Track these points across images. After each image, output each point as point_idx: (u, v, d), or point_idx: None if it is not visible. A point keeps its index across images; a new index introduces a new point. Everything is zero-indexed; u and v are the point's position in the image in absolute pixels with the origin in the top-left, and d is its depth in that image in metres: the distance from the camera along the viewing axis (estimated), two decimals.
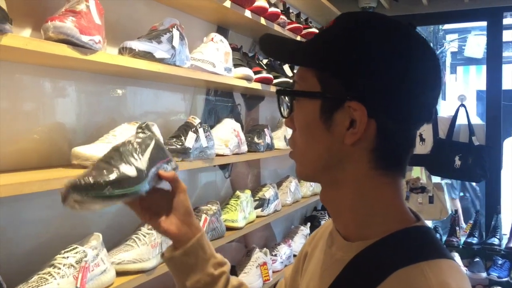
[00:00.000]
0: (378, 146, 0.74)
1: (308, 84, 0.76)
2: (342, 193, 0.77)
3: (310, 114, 0.76)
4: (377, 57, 0.72)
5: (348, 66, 0.73)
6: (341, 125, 0.74)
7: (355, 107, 0.72)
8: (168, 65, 1.71)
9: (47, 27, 1.26)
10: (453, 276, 0.69)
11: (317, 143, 0.76)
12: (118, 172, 0.85)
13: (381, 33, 0.74)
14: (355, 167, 0.75)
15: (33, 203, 1.49)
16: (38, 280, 1.27)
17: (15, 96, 1.44)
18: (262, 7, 2.37)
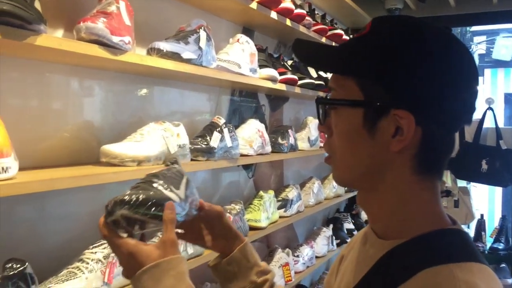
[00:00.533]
0: (421, 151, 0.74)
1: (349, 92, 0.76)
2: (382, 198, 0.78)
3: (352, 122, 0.76)
4: (422, 64, 0.72)
5: (393, 73, 0.72)
6: (386, 133, 0.74)
7: (402, 115, 0.72)
8: (195, 66, 1.73)
9: (80, 28, 1.29)
10: (483, 279, 0.69)
11: (359, 150, 0.76)
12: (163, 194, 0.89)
13: (423, 39, 0.73)
14: (397, 173, 0.76)
15: (62, 200, 1.53)
16: (67, 274, 1.31)
17: (46, 94, 1.48)
18: (288, 8, 2.38)
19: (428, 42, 0.73)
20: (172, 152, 1.65)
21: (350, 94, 0.76)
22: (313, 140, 2.92)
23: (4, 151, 1.10)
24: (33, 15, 1.11)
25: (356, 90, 0.75)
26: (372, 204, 0.81)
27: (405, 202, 0.77)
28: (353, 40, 0.80)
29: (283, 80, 2.44)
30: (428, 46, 0.73)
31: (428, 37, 0.73)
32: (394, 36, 0.74)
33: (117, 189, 1.72)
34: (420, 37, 0.73)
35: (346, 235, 3.60)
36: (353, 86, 0.75)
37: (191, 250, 1.74)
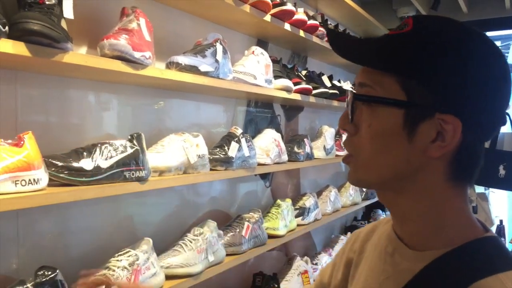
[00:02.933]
0: (457, 158, 0.71)
1: (389, 90, 0.71)
2: (410, 201, 0.74)
3: (390, 122, 0.71)
4: (472, 69, 0.68)
5: (442, 76, 0.68)
6: (426, 137, 0.70)
7: (448, 120, 0.69)
8: (212, 78, 1.79)
9: (103, 45, 1.35)
10: None
11: (393, 152, 0.72)
12: None
13: (473, 44, 0.70)
14: (429, 178, 0.73)
15: (86, 210, 1.58)
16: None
17: (68, 109, 1.54)
18: (302, 20, 2.43)
19: (477, 46, 0.70)
20: (192, 162, 1.70)
21: (390, 92, 0.71)
22: (329, 148, 2.95)
23: (36, 163, 1.16)
24: (60, 34, 1.17)
25: (397, 89, 0.71)
26: (400, 204, 0.76)
27: (438, 208, 0.73)
28: (394, 36, 0.74)
29: (297, 90, 2.48)
30: (478, 51, 0.70)
31: (477, 43, 0.71)
32: (443, 38, 0.70)
33: (139, 199, 1.78)
34: (470, 43, 0.70)
35: None
36: (394, 85, 0.71)
37: (212, 257, 1.78)
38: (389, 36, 0.74)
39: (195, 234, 1.76)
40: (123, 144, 1.44)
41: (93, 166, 1.32)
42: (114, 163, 1.38)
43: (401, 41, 0.72)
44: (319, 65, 3.36)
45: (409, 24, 0.72)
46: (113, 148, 1.40)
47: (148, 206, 1.86)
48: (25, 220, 1.38)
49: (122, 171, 1.40)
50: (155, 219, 1.88)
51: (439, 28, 0.71)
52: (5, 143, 1.14)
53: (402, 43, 0.72)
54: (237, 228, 2.04)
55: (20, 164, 1.13)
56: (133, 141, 1.47)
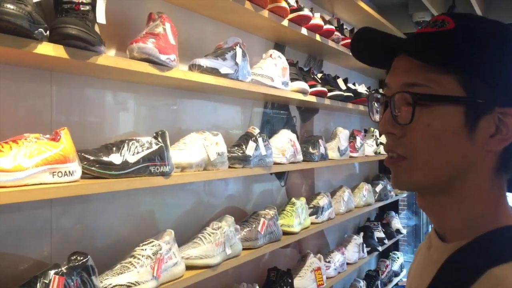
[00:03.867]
0: (505, 152, 0.73)
1: (447, 88, 0.71)
2: (455, 200, 0.75)
3: (451, 120, 0.71)
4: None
5: (499, 71, 0.71)
6: (486, 132, 0.71)
7: (509, 113, 0.70)
8: (232, 80, 1.88)
9: (132, 48, 1.46)
10: None
11: (452, 150, 0.72)
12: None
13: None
14: (481, 173, 0.74)
15: (114, 204, 1.69)
16: (121, 268, 1.46)
17: (97, 107, 1.65)
18: (318, 24, 2.51)
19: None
20: (212, 159, 1.80)
21: (449, 90, 0.71)
22: (343, 150, 3.03)
23: (71, 157, 1.26)
24: (95, 38, 1.27)
25: (456, 86, 0.70)
26: (442, 207, 0.77)
27: (477, 202, 0.74)
28: (439, 33, 0.73)
29: (313, 92, 2.56)
30: None
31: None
32: (491, 33, 0.72)
33: (160, 195, 1.88)
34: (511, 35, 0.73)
35: (377, 243, 3.67)
36: (452, 82, 0.70)
37: (229, 251, 1.87)
38: (432, 33, 0.74)
39: (213, 228, 1.85)
40: (149, 141, 1.54)
41: (122, 161, 1.42)
42: (141, 158, 1.48)
43: (452, 38, 0.72)
44: (335, 68, 3.44)
45: (449, 22, 0.72)
46: (140, 144, 1.50)
47: (169, 203, 1.96)
48: (58, 210, 1.49)
49: (147, 166, 1.50)
50: (175, 215, 1.98)
51: (481, 25, 0.73)
52: (44, 138, 1.24)
53: (456, 40, 0.72)
54: (253, 223, 2.13)
55: (57, 157, 1.23)
56: (158, 138, 1.57)
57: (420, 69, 0.72)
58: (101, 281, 1.39)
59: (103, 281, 1.39)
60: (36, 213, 1.44)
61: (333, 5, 3.16)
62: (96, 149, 1.42)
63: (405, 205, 6.67)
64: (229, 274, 2.21)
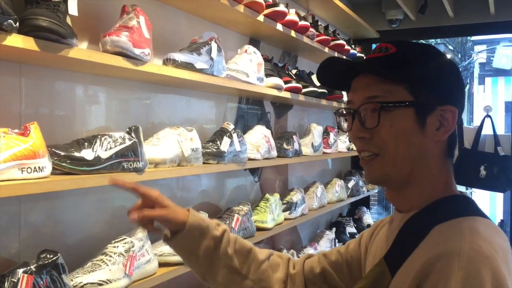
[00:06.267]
0: (451, 139, 0.96)
1: (399, 96, 0.93)
2: (415, 186, 0.95)
3: (406, 120, 0.92)
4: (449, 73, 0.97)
5: (437, 80, 0.94)
6: (433, 126, 0.93)
7: (448, 109, 0.93)
8: (207, 75, 1.86)
9: (105, 41, 1.42)
10: (485, 226, 0.86)
11: (412, 144, 0.93)
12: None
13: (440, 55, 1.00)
14: (435, 160, 0.95)
15: (85, 200, 1.65)
16: (92, 266, 1.43)
17: (68, 101, 1.60)
18: (293, 20, 2.51)
19: (444, 58, 1.00)
20: (186, 155, 1.78)
21: (402, 97, 0.93)
22: (317, 146, 3.04)
23: (41, 152, 1.23)
24: (67, 30, 1.24)
25: (406, 94, 0.92)
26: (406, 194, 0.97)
27: (431, 184, 0.95)
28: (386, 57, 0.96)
29: (288, 88, 2.56)
30: (445, 61, 0.99)
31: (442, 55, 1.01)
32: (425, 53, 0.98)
33: None
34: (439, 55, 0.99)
35: (348, 238, 3.71)
36: (403, 91, 0.93)
37: None
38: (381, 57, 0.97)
39: None
40: (122, 136, 1.51)
41: (94, 156, 1.39)
42: (113, 154, 1.45)
43: (397, 59, 0.95)
44: (309, 65, 3.45)
45: (391, 48, 0.96)
46: (113, 139, 1.47)
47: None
48: (27, 206, 1.45)
49: (120, 161, 1.47)
50: None
51: (415, 47, 1.00)
52: (13, 132, 1.20)
53: (400, 60, 0.95)
54: (227, 220, 2.12)
55: (27, 153, 1.20)
56: (131, 134, 1.54)
57: (377, 84, 0.94)
58: (71, 279, 1.36)
59: (73, 279, 1.36)
60: (4, 210, 1.39)
61: (308, 1, 3.16)
62: (67, 145, 1.38)
63: (376, 200, 6.77)
64: None
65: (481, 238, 0.82)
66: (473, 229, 0.84)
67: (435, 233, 0.86)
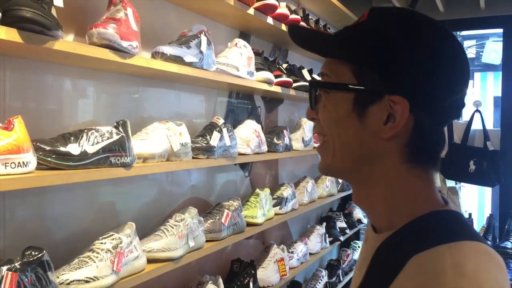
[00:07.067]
0: (412, 140, 0.75)
1: (341, 77, 0.76)
2: (374, 189, 0.78)
3: (342, 105, 0.76)
4: (418, 54, 0.72)
5: (389, 61, 0.73)
6: (377, 119, 0.74)
7: (397, 101, 0.72)
8: (197, 69, 1.83)
9: (92, 33, 1.39)
10: (473, 257, 0.66)
11: (349, 135, 0.77)
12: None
13: (421, 31, 0.74)
14: (387, 162, 0.76)
15: (71, 195, 1.62)
16: (79, 263, 1.40)
17: (54, 95, 1.57)
18: (284, 14, 2.49)
19: (426, 35, 0.74)
20: (175, 150, 1.75)
21: (343, 79, 0.76)
22: (307, 140, 3.03)
23: (25, 147, 1.20)
24: (52, 22, 1.20)
25: (349, 76, 0.76)
26: (366, 197, 0.80)
27: (395, 191, 0.76)
28: (350, 28, 0.79)
29: (278, 82, 2.54)
30: (425, 39, 0.73)
31: (426, 30, 0.74)
32: (392, 26, 0.74)
33: (121, 186, 1.83)
34: (418, 29, 0.74)
35: (338, 233, 3.71)
36: (346, 72, 0.76)
37: (192, 243, 1.83)
38: (346, 28, 0.80)
39: (176, 220, 1.81)
40: (109, 130, 1.48)
41: (80, 151, 1.36)
42: (100, 148, 1.42)
43: (354, 31, 0.78)
44: (300, 59, 3.43)
45: (364, 16, 0.78)
46: (100, 134, 1.44)
47: (130, 193, 1.90)
48: (11, 202, 1.41)
49: (107, 156, 1.44)
50: (136, 206, 1.93)
51: (391, 19, 0.76)
52: None
53: (355, 32, 0.78)
54: (217, 215, 2.10)
55: (10, 147, 1.16)
56: (118, 128, 1.51)
57: (328, 61, 0.80)
58: (57, 276, 1.33)
59: (59, 277, 1.33)
60: None
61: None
62: (53, 139, 1.35)
63: None
64: (191, 267, 2.18)
65: (467, 279, 0.62)
66: (458, 268, 0.64)
67: (413, 267, 0.67)
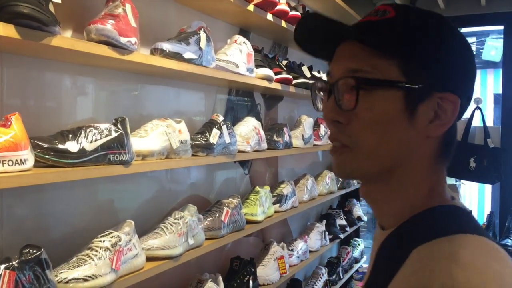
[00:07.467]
0: (446, 137, 0.74)
1: (387, 74, 0.71)
2: (396, 187, 0.75)
3: (391, 105, 0.71)
4: (457, 52, 0.74)
5: (437, 57, 0.72)
6: (425, 118, 0.71)
7: (449, 98, 0.71)
8: (196, 65, 1.82)
9: (90, 30, 1.38)
10: (471, 248, 0.65)
11: (396, 136, 0.72)
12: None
13: (452, 29, 0.75)
14: (421, 159, 0.74)
15: (70, 193, 1.61)
16: (78, 261, 1.39)
17: (53, 92, 1.56)
18: (284, 10, 2.47)
19: (456, 33, 0.75)
20: (175, 147, 1.74)
21: (390, 75, 0.71)
22: (307, 138, 3.02)
23: (23, 144, 1.18)
24: (49, 18, 1.19)
25: (396, 72, 0.71)
26: (381, 194, 0.78)
27: (417, 187, 0.75)
28: (381, 22, 0.74)
29: (278, 79, 2.53)
30: (458, 37, 0.75)
31: (454, 28, 0.75)
32: (429, 23, 0.74)
33: (120, 184, 1.81)
34: (449, 28, 0.75)
35: (338, 231, 3.70)
36: (392, 68, 0.71)
37: (191, 241, 1.82)
38: (374, 21, 0.74)
39: (176, 217, 1.80)
40: (108, 127, 1.47)
41: (78, 149, 1.35)
42: (99, 146, 1.41)
43: (392, 26, 0.73)
44: (299, 56, 3.41)
45: (390, 11, 0.73)
46: (98, 131, 1.43)
47: (129, 191, 1.89)
48: (9, 200, 1.40)
49: (106, 154, 1.43)
50: (135, 203, 1.91)
51: (419, 14, 0.76)
52: None
53: (397, 28, 0.73)
54: (216, 213, 2.09)
55: (8, 144, 1.15)
56: (117, 125, 1.50)
57: (363, 55, 0.72)
58: (56, 274, 1.32)
59: (58, 275, 1.32)
60: None
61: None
62: (51, 136, 1.34)
63: None
64: (191, 265, 2.17)
65: (460, 266, 0.61)
66: (454, 256, 0.62)
67: (413, 259, 0.66)
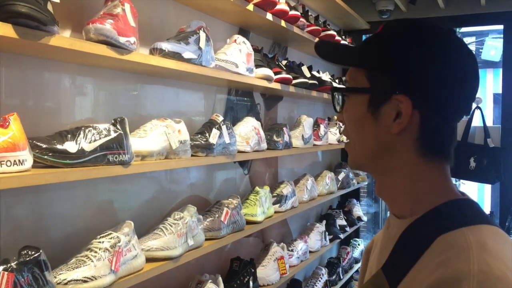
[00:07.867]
0: (421, 135, 0.85)
1: (358, 82, 0.88)
2: (394, 180, 0.88)
3: (359, 107, 0.88)
4: (422, 58, 0.83)
5: (396, 65, 0.84)
6: (388, 117, 0.85)
7: (401, 99, 0.83)
8: (195, 65, 1.81)
9: (89, 29, 1.37)
10: (493, 238, 0.77)
11: (366, 133, 0.88)
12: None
13: (425, 36, 0.85)
14: (402, 155, 0.86)
15: (68, 194, 1.60)
16: (77, 262, 1.38)
17: (51, 91, 1.55)
18: (283, 10, 2.46)
19: (430, 39, 0.84)
20: (174, 147, 1.73)
21: (359, 84, 0.88)
22: (307, 138, 3.01)
23: (21, 144, 1.18)
24: (47, 17, 1.18)
25: (364, 81, 0.87)
26: (387, 188, 0.90)
27: (413, 182, 0.87)
28: (367, 39, 0.92)
29: (278, 79, 2.52)
30: (429, 42, 0.84)
31: (430, 35, 0.85)
32: (398, 33, 0.87)
33: (119, 184, 1.81)
34: (422, 35, 0.85)
35: (338, 231, 3.69)
36: (362, 77, 0.88)
37: (191, 242, 1.81)
38: (364, 40, 0.92)
39: (175, 218, 1.79)
40: (107, 128, 1.46)
41: (77, 149, 1.34)
42: (98, 146, 1.40)
43: (368, 43, 0.91)
44: (299, 56, 3.40)
45: (380, 27, 0.89)
46: (97, 131, 1.42)
47: (128, 192, 1.88)
48: (7, 201, 1.39)
49: (105, 154, 1.42)
50: (135, 204, 1.91)
51: (398, 27, 0.89)
52: None
53: (369, 43, 0.91)
54: (216, 213, 2.08)
55: (6, 145, 1.14)
56: (116, 125, 1.49)
57: (350, 70, 0.91)
58: (54, 276, 1.31)
59: (57, 276, 1.31)
60: None
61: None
62: (50, 137, 1.33)
63: (366, 193, 6.76)
64: (191, 266, 2.16)
65: (490, 255, 0.73)
66: (481, 244, 0.75)
67: (439, 245, 0.78)
